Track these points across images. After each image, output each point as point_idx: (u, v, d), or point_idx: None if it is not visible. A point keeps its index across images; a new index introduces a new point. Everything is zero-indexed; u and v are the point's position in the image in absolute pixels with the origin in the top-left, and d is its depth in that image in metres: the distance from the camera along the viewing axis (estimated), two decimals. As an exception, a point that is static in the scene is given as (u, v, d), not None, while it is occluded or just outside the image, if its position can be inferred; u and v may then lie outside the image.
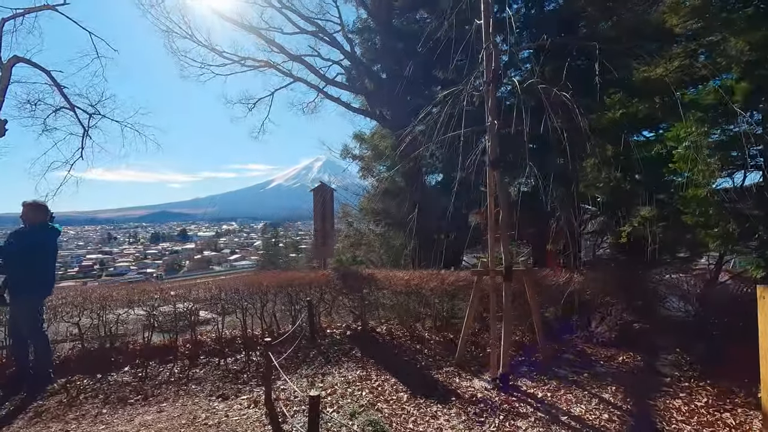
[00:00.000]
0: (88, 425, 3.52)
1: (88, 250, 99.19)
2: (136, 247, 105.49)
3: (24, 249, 4.25)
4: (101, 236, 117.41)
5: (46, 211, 4.50)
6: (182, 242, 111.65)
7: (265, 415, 3.57)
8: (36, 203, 4.48)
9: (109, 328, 5.05)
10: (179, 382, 4.37)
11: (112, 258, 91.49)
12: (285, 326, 5.87)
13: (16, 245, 4.27)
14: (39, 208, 4.46)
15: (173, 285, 6.36)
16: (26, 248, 4.26)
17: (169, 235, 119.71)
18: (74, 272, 77.68)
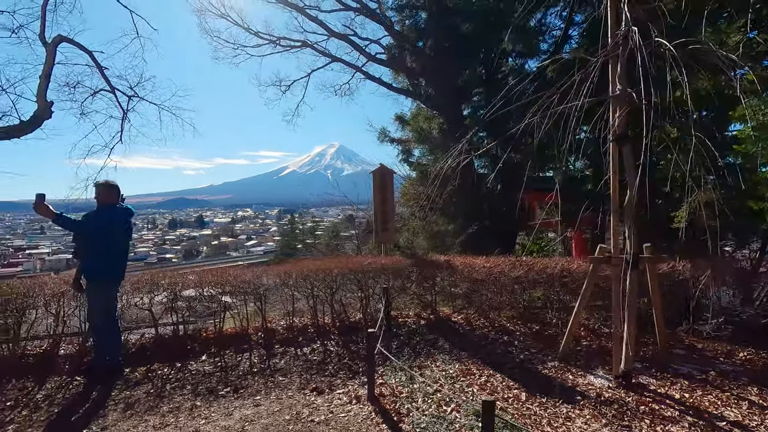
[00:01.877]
0: (186, 419, 3.28)
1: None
2: (154, 233, 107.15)
3: (98, 229, 4.00)
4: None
5: (118, 192, 4.23)
6: (199, 228, 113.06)
7: (375, 412, 3.28)
8: (108, 183, 4.21)
9: (182, 314, 4.84)
10: (263, 373, 4.12)
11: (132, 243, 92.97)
12: (353, 314, 5.62)
13: (92, 225, 4.02)
14: (111, 189, 4.19)
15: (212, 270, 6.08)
16: (100, 228, 4.01)
17: (186, 221, 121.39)
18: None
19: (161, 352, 4.49)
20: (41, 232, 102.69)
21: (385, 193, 6.81)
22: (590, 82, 3.43)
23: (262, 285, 5.15)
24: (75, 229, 3.98)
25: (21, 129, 7.32)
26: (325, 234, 53.34)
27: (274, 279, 5.30)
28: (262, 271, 5.38)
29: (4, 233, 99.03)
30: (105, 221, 4.05)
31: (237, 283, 5.07)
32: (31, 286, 4.35)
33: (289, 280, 5.32)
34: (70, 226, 3.91)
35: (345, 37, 10.64)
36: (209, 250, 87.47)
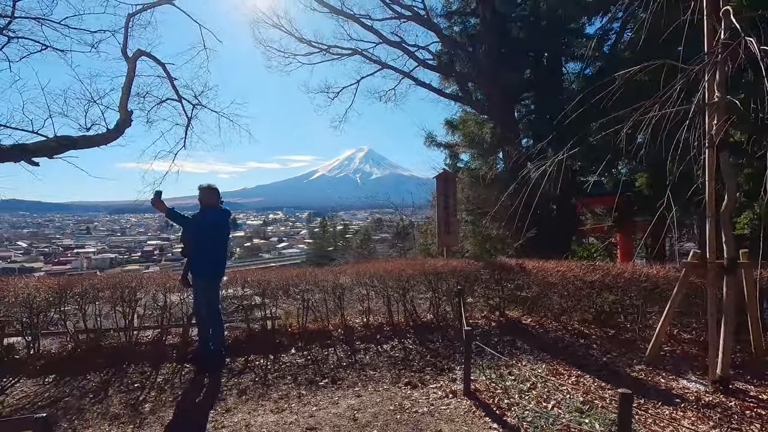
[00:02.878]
0: (298, 405, 3.55)
1: (148, 236, 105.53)
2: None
3: (202, 228, 4.35)
4: (159, 224, 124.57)
5: (218, 194, 4.58)
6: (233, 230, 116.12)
7: (474, 406, 3.44)
8: (210, 187, 4.57)
9: (270, 310, 5.16)
10: (353, 367, 4.36)
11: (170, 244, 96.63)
12: (422, 314, 5.80)
13: (195, 223, 4.37)
14: (212, 191, 4.54)
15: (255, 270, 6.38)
16: (204, 228, 4.35)
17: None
18: (137, 257, 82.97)
19: (253, 344, 4.82)
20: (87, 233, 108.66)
21: (448, 198, 6.97)
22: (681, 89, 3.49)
23: (339, 284, 5.42)
24: (182, 224, 4.32)
25: (107, 137, 7.92)
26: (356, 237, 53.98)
27: (351, 279, 5.56)
28: (339, 271, 5.65)
29: (54, 233, 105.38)
30: (208, 221, 4.40)
31: (316, 281, 5.36)
32: (140, 279, 4.78)
33: (364, 280, 5.57)
34: (178, 220, 4.27)
35: (399, 45, 10.91)
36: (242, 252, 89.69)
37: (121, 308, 4.60)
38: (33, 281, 4.57)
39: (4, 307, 4.31)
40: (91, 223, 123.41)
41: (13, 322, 4.42)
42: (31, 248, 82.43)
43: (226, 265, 4.61)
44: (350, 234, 59.00)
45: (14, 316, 4.36)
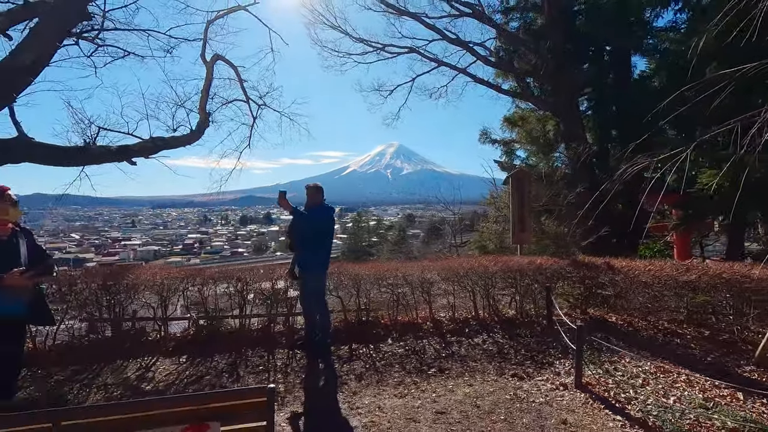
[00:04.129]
0: (417, 391, 3.79)
1: (188, 230, 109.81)
2: (227, 228, 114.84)
3: (311, 224, 4.64)
4: (198, 218, 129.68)
5: (323, 193, 4.87)
6: (267, 225, 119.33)
7: (590, 398, 3.57)
8: (316, 186, 4.85)
9: (364, 302, 5.45)
10: (453, 358, 4.56)
11: (208, 237, 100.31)
12: (504, 310, 5.93)
13: (305, 222, 4.67)
14: (319, 190, 4.82)
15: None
16: (314, 224, 4.65)
17: (255, 218, 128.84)
18: (179, 249, 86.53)
19: (352, 334, 5.10)
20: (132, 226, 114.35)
21: (523, 195, 7.04)
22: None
23: (426, 279, 5.63)
24: (303, 221, 4.61)
25: (191, 137, 8.43)
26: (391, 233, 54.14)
27: (437, 274, 5.76)
28: (424, 267, 5.86)
29: (103, 225, 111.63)
30: (315, 218, 4.69)
31: (404, 276, 5.59)
32: (250, 271, 5.17)
33: (449, 275, 5.76)
34: (301, 218, 4.57)
35: (458, 41, 10.97)
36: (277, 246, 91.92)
37: (237, 298, 4.99)
38: (159, 271, 5.03)
39: (138, 294, 4.79)
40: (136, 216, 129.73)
41: (141, 309, 4.90)
42: (83, 240, 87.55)
43: (330, 258, 4.90)
44: (383, 230, 59.60)
45: (145, 301, 4.84)
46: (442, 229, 59.29)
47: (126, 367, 4.21)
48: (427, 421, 3.26)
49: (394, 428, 3.15)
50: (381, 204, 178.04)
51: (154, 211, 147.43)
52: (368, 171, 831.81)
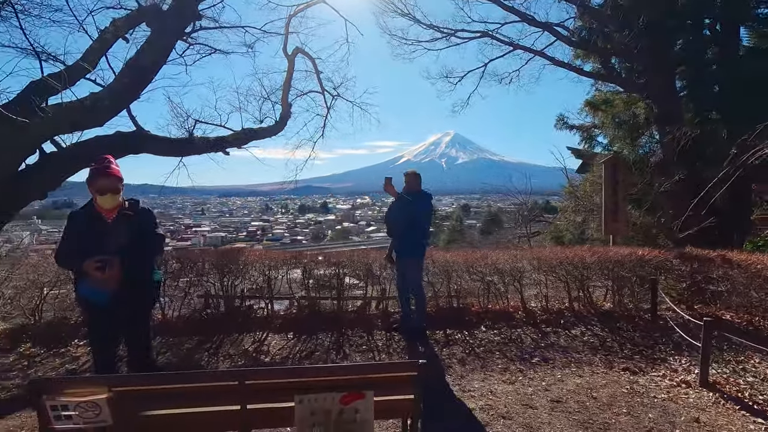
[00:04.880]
0: (525, 379, 3.76)
1: (252, 218, 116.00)
2: (287, 216, 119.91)
3: (409, 212, 4.70)
4: (260, 206, 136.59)
5: (421, 180, 4.92)
6: (324, 214, 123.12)
7: (721, 398, 3.33)
8: (415, 173, 4.91)
9: (455, 289, 5.47)
10: (552, 349, 4.45)
11: (270, 225, 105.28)
12: (598, 302, 5.68)
13: (404, 207, 4.74)
14: (418, 177, 4.88)
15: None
16: (411, 211, 4.70)
17: (312, 207, 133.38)
18: (243, 236, 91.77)
19: (444, 319, 5.15)
20: (202, 213, 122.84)
21: (617, 184, 6.63)
22: None
23: (518, 268, 5.53)
24: (403, 205, 4.70)
25: (276, 128, 8.81)
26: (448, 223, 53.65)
27: (528, 263, 5.64)
28: (515, 256, 5.74)
29: (176, 213, 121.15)
30: (413, 204, 4.74)
31: (495, 265, 5.52)
32: (349, 256, 5.38)
33: (541, 265, 5.61)
34: (404, 202, 4.66)
35: (542, 24, 10.44)
36: (333, 234, 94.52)
37: (335, 280, 5.22)
38: (265, 254, 5.39)
39: (247, 274, 5.18)
40: (205, 205, 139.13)
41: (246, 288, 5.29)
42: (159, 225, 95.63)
43: (427, 244, 4.96)
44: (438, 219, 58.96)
45: (253, 280, 5.23)
46: (500, 219, 57.55)
47: (242, 340, 4.59)
48: (545, 409, 3.23)
49: (513, 413, 3.15)
50: (435, 194, 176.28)
51: (220, 199, 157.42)
52: (422, 160, 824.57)
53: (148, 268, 2.93)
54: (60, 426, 1.98)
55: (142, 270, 2.86)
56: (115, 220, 2.84)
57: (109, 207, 2.83)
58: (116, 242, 2.75)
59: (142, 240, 2.86)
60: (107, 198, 2.79)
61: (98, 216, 2.82)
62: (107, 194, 2.78)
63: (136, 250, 2.79)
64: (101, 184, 2.78)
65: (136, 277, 2.79)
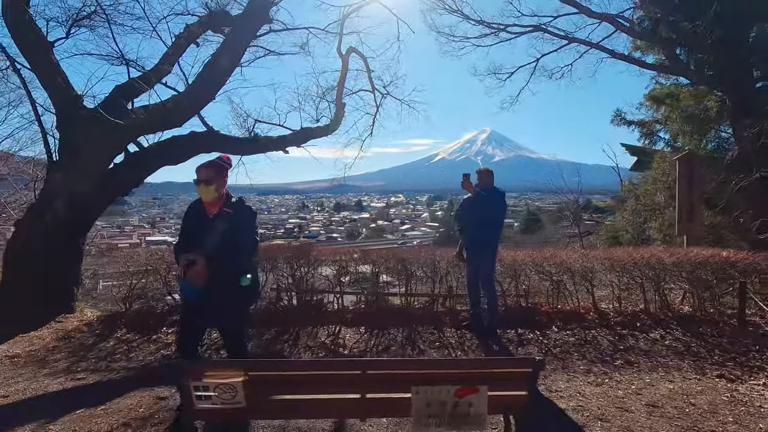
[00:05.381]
0: (611, 381, 3.66)
1: (289, 215, 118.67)
2: (322, 214, 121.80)
3: (480, 209, 4.66)
4: (297, 204, 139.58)
5: (493, 176, 4.87)
6: (358, 212, 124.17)
7: (839, 412, 3.10)
8: (488, 170, 4.87)
9: (523, 288, 5.39)
10: (633, 352, 4.30)
11: (306, 223, 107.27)
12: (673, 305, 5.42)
13: (476, 204, 4.70)
14: (490, 174, 4.83)
15: None
16: (483, 208, 4.66)
17: (347, 205, 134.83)
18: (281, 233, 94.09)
19: (512, 319, 5.06)
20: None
21: (692, 182, 6.29)
22: None
23: (589, 268, 5.37)
24: (483, 203, 4.66)
25: (331, 127, 8.95)
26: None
27: (599, 264, 5.46)
28: (586, 256, 5.59)
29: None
30: (493, 200, 4.69)
31: (564, 264, 5.39)
32: (416, 253, 5.43)
33: (613, 265, 5.42)
34: (485, 198, 4.62)
35: (602, 15, 10.06)
36: (368, 232, 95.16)
37: (403, 276, 5.28)
38: (333, 250, 5.53)
39: (317, 269, 5.33)
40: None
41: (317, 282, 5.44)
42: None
43: (499, 242, 4.91)
44: None
45: (324, 276, 5.37)
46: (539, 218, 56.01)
47: (317, 333, 4.73)
48: (641, 413, 3.12)
49: (608, 415, 3.08)
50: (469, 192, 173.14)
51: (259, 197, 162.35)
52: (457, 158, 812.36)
53: (239, 268, 2.78)
54: (200, 405, 2.13)
55: (232, 270, 2.75)
56: (216, 216, 2.84)
57: (207, 200, 2.87)
58: (212, 239, 2.76)
59: (236, 239, 2.79)
60: (201, 189, 2.83)
61: (203, 211, 2.89)
62: (200, 185, 2.82)
63: (228, 249, 2.74)
64: (197, 175, 2.84)
65: (226, 277, 2.71)
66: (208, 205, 2.89)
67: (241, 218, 2.87)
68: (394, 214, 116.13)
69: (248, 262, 2.88)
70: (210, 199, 2.86)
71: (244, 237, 2.85)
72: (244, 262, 2.83)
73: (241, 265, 2.80)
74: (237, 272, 2.76)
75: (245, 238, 2.86)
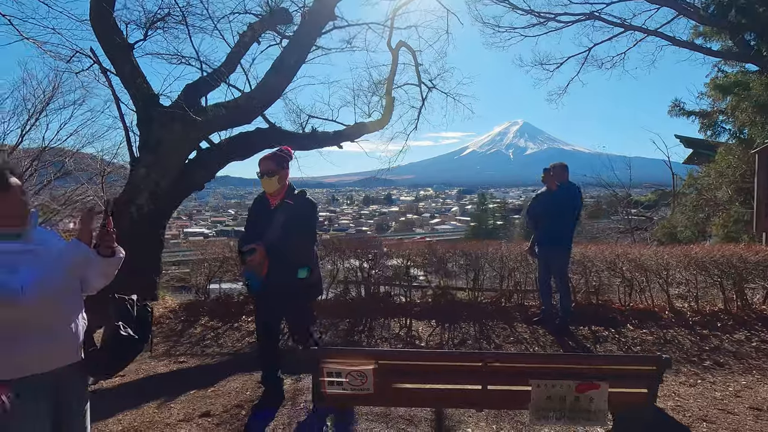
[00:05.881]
0: (705, 383, 3.57)
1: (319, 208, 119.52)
2: (352, 207, 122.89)
3: (554, 204, 4.60)
4: (327, 197, 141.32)
5: (568, 171, 4.79)
6: (388, 205, 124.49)
7: None
8: (563, 165, 4.78)
9: (594, 285, 5.30)
10: (720, 353, 4.18)
11: (336, 216, 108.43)
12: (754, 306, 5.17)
13: (549, 199, 4.65)
14: (565, 169, 4.75)
15: None
16: (557, 203, 4.60)
17: (376, 198, 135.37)
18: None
19: (584, 316, 4.98)
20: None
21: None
22: None
23: (664, 265, 5.20)
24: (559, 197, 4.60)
25: (382, 122, 8.98)
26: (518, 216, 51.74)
27: (677, 261, 5.28)
28: (658, 252, 5.42)
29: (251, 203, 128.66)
30: (561, 196, 4.63)
31: (638, 260, 5.24)
32: (483, 248, 5.43)
33: (689, 263, 5.22)
34: (557, 193, 4.57)
35: (669, 1, 9.59)
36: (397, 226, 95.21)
37: (470, 271, 5.30)
38: (401, 242, 5.61)
39: (384, 261, 5.43)
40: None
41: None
42: (237, 215, 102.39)
43: (573, 237, 4.84)
44: (499, 212, 56.95)
45: (391, 268, 5.47)
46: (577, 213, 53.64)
47: (390, 325, 4.83)
48: (746, 416, 3.03)
49: (712, 417, 3.01)
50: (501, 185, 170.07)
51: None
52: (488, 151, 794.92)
53: (298, 261, 2.78)
54: (330, 390, 2.25)
55: (290, 262, 2.75)
56: (277, 208, 2.87)
57: (269, 191, 2.89)
58: (272, 230, 2.79)
59: (295, 231, 2.77)
60: (263, 181, 2.86)
61: (266, 202, 2.96)
62: (263, 176, 2.84)
63: (287, 240, 2.73)
64: (259, 167, 2.87)
65: (286, 269, 2.73)
66: (270, 197, 2.94)
67: (301, 210, 2.88)
68: (423, 208, 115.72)
69: (306, 254, 2.87)
70: (272, 190, 2.89)
71: (303, 229, 2.86)
72: (303, 254, 2.84)
73: (300, 257, 2.81)
74: (296, 264, 2.78)
75: (304, 230, 2.86)
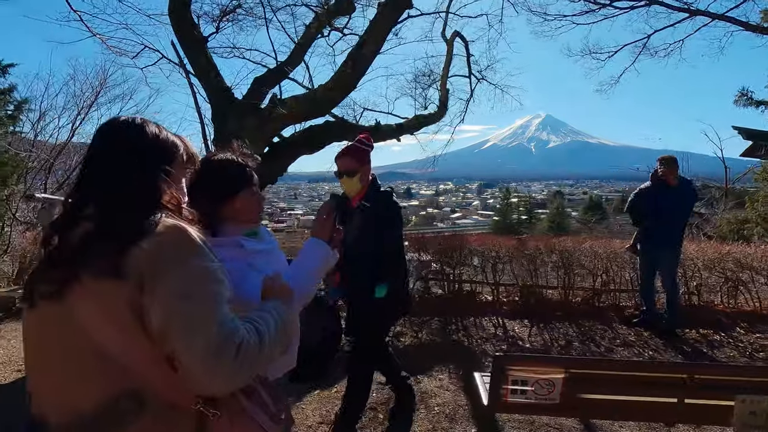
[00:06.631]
0: None
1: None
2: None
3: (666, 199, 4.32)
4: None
5: (678, 165, 4.50)
6: (408, 199, 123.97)
7: None
8: (674, 158, 4.49)
9: (694, 285, 5.01)
10: None
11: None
12: None
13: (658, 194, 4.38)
14: (675, 162, 4.47)
15: None
16: (669, 198, 4.32)
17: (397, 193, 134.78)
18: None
19: (684, 317, 4.68)
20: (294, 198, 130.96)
21: None
22: None
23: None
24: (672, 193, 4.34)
25: (440, 114, 8.75)
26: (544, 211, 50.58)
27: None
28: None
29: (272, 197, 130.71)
30: (680, 191, 4.35)
31: (743, 260, 4.92)
32: (579, 245, 5.20)
33: None
34: (673, 188, 4.32)
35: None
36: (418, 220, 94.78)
37: (561, 270, 5.07)
38: (484, 239, 5.43)
39: (467, 259, 5.26)
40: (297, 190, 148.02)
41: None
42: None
43: (683, 235, 4.56)
44: (524, 207, 55.79)
45: (475, 266, 5.29)
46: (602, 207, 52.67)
47: (483, 324, 4.66)
48: None
49: None
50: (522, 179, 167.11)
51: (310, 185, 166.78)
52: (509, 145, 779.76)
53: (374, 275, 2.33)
54: (513, 399, 2.09)
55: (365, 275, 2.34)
56: (355, 210, 2.35)
57: (349, 192, 2.44)
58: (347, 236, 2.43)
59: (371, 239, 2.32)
60: (343, 182, 2.43)
61: (347, 202, 2.38)
62: (342, 177, 2.42)
63: (361, 250, 2.30)
64: (337, 166, 2.45)
65: (361, 283, 2.37)
66: (350, 197, 2.46)
67: (378, 214, 2.37)
68: (443, 202, 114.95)
69: (385, 268, 2.38)
70: (354, 192, 2.43)
71: (384, 238, 2.38)
72: (380, 268, 2.36)
73: (377, 271, 2.35)
74: (372, 279, 2.34)
75: (385, 239, 2.38)
